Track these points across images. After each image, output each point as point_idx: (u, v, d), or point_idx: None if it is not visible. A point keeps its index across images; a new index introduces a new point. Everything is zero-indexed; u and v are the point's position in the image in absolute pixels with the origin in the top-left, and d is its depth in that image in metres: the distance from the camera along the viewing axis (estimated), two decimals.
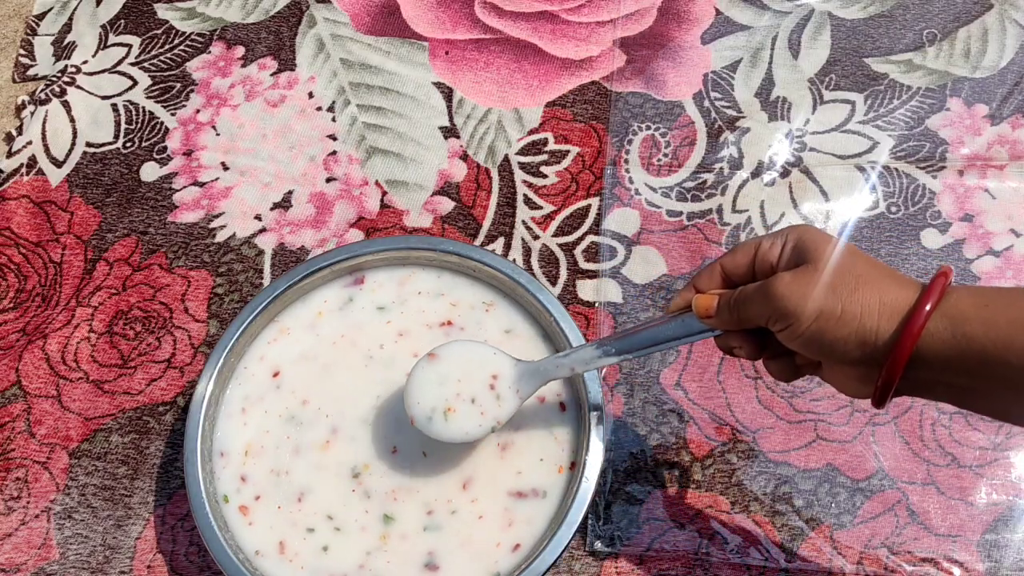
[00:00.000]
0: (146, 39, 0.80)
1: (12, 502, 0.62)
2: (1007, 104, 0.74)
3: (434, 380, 0.54)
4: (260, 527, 0.56)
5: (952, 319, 0.39)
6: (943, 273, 0.41)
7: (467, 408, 0.54)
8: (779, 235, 0.45)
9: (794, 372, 0.47)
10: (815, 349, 0.42)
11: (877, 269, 0.42)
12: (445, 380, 0.54)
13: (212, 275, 0.69)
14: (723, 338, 0.48)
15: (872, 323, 0.41)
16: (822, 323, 0.41)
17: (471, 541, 0.56)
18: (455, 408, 0.54)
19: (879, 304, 0.41)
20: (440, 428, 0.54)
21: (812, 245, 0.43)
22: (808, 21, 0.78)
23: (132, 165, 0.74)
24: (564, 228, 0.71)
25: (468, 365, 0.54)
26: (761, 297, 0.43)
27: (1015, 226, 0.69)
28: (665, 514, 0.61)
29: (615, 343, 0.52)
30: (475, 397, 0.54)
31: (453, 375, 0.54)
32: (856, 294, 0.41)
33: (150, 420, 0.65)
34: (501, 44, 0.79)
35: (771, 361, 0.48)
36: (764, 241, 0.46)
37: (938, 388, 0.42)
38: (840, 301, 0.41)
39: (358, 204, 0.72)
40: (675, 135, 0.74)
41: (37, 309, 0.69)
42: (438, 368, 0.55)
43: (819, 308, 0.41)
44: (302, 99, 0.77)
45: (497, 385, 0.54)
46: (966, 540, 0.60)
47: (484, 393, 0.54)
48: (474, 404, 0.54)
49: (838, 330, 0.41)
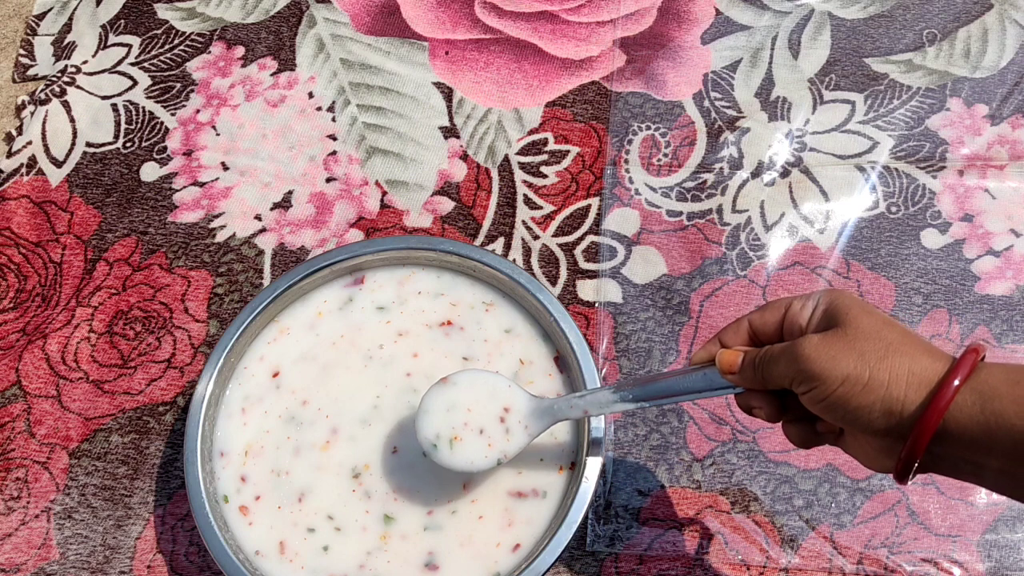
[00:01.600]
0: (146, 39, 0.80)
1: (12, 502, 0.62)
2: (1007, 104, 0.74)
3: (443, 407, 0.54)
4: (260, 527, 0.56)
5: (982, 394, 0.38)
6: (974, 348, 0.40)
7: (474, 439, 0.53)
8: (811, 297, 0.45)
9: (814, 439, 0.46)
10: (839, 415, 0.41)
11: (909, 339, 0.41)
12: (454, 407, 0.53)
13: (212, 275, 0.69)
14: (744, 397, 0.47)
15: (899, 392, 0.39)
16: (848, 388, 0.40)
17: (471, 541, 0.56)
18: (462, 437, 0.53)
19: (908, 374, 0.40)
20: (445, 456, 0.53)
21: (844, 309, 0.42)
22: (808, 21, 0.78)
23: (132, 165, 0.74)
24: (564, 228, 0.71)
25: (480, 395, 0.54)
26: (788, 358, 0.42)
27: (1015, 226, 0.69)
28: (665, 514, 0.61)
29: (633, 390, 0.51)
30: (484, 428, 0.53)
31: (463, 403, 0.53)
32: (885, 362, 0.40)
33: (150, 420, 0.65)
34: (501, 44, 0.79)
35: (790, 425, 0.47)
36: (795, 302, 0.45)
37: (965, 467, 0.40)
38: (868, 367, 0.40)
39: (358, 204, 0.72)
40: (675, 135, 0.74)
41: (37, 309, 0.69)
42: (449, 394, 0.54)
43: (846, 373, 0.40)
44: (302, 99, 0.77)
45: (508, 419, 0.53)
46: (966, 540, 0.60)
47: (494, 425, 0.53)
48: (482, 435, 0.53)
49: (864, 397, 0.40)
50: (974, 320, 0.66)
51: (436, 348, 0.61)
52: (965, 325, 0.66)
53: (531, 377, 0.60)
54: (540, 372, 0.60)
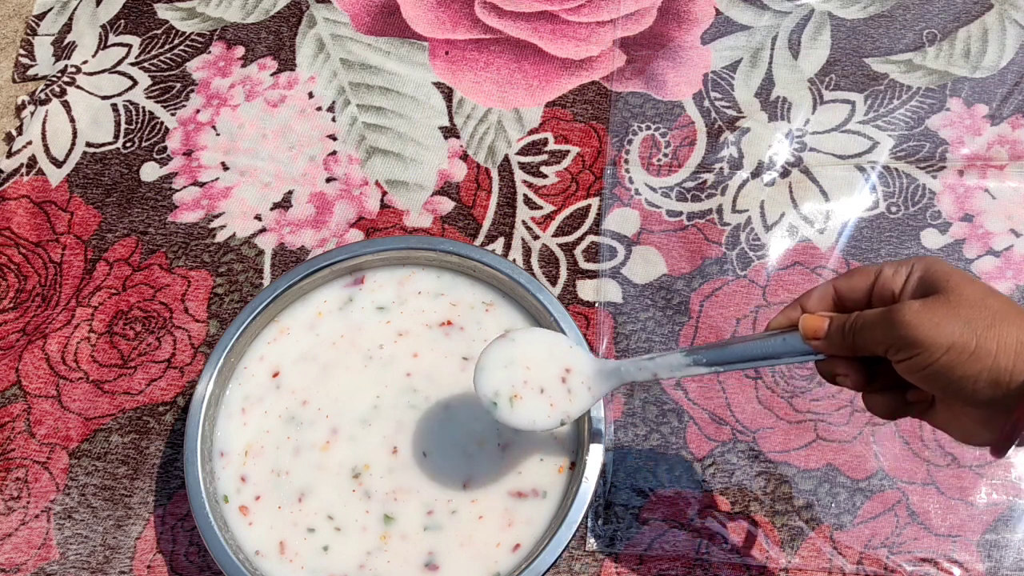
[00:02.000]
0: (146, 39, 0.80)
1: (12, 502, 0.62)
2: (1007, 104, 0.74)
3: (500, 363, 0.52)
4: (260, 527, 0.56)
5: None
6: None
7: (535, 398, 0.52)
8: (904, 264, 0.44)
9: (902, 409, 0.45)
10: (940, 385, 0.40)
11: (1014, 308, 0.40)
12: (512, 364, 0.52)
13: (212, 275, 0.69)
14: (828, 364, 0.45)
15: (1007, 362, 0.38)
16: (953, 357, 0.39)
17: (471, 541, 0.56)
18: (522, 395, 0.52)
19: (1017, 343, 0.38)
20: (506, 414, 0.52)
21: (944, 276, 0.41)
22: (808, 21, 0.78)
23: (132, 165, 0.74)
24: (564, 228, 0.71)
25: (539, 353, 0.52)
26: (885, 324, 0.41)
27: (1015, 226, 0.69)
28: (665, 514, 0.61)
29: (707, 353, 0.49)
30: (544, 387, 0.52)
31: (521, 360, 0.52)
32: (992, 330, 0.39)
33: (150, 420, 0.65)
34: (501, 44, 0.79)
35: (877, 395, 0.45)
36: (886, 267, 0.44)
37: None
38: (975, 335, 0.38)
39: (358, 204, 0.72)
40: (675, 135, 0.74)
41: (37, 309, 0.69)
42: (507, 350, 0.53)
43: (951, 340, 0.39)
44: (302, 99, 0.77)
45: (569, 379, 0.52)
46: (966, 540, 0.60)
47: (555, 385, 0.52)
48: (543, 394, 0.52)
49: (969, 366, 0.39)
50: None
51: (436, 348, 0.61)
52: None
53: None
54: None
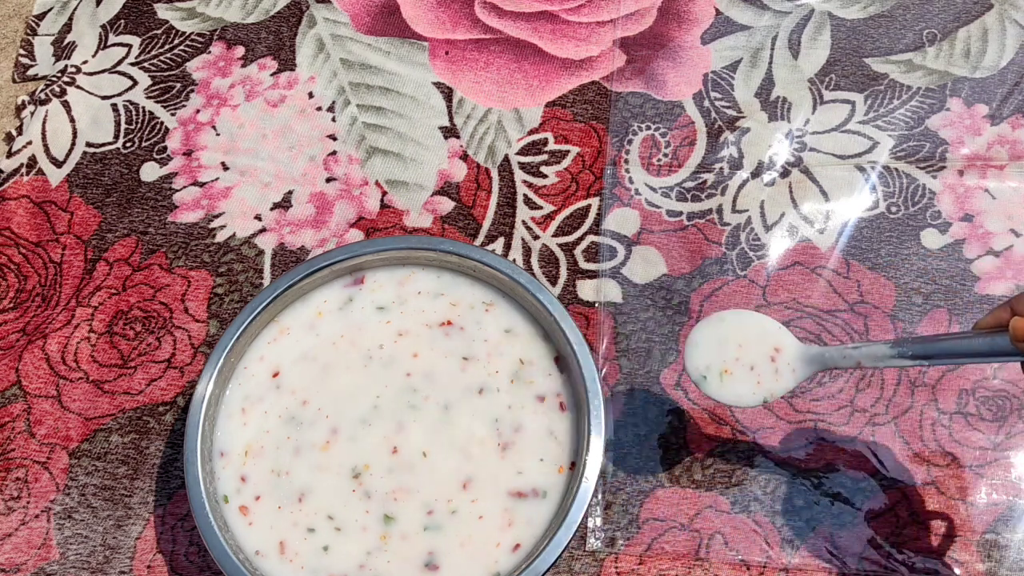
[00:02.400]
0: (146, 39, 0.80)
1: (12, 502, 0.62)
2: (1007, 104, 0.74)
3: (714, 340, 0.55)
4: (260, 527, 0.56)
5: None
6: None
7: (744, 374, 0.54)
8: None
9: None
10: None
11: None
12: (725, 342, 0.55)
13: (212, 275, 0.69)
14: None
15: None
16: None
17: (471, 541, 0.56)
18: (732, 371, 0.54)
19: None
20: (714, 388, 0.54)
21: None
22: (808, 21, 0.78)
23: (132, 165, 0.74)
24: (564, 228, 0.71)
25: (751, 333, 0.55)
26: None
27: (1015, 226, 0.69)
28: (665, 514, 0.61)
29: (912, 346, 0.49)
30: (754, 365, 0.54)
31: (734, 339, 0.55)
32: None
33: (150, 420, 0.65)
34: (501, 44, 0.79)
35: None
36: None
37: None
38: None
39: (358, 204, 0.72)
40: (675, 135, 0.74)
41: (37, 309, 0.69)
42: (720, 329, 0.55)
43: None
44: (302, 99, 0.77)
45: (778, 359, 0.54)
46: (966, 540, 0.60)
47: (764, 364, 0.54)
48: (752, 371, 0.54)
49: None
50: (974, 320, 0.66)
51: (436, 348, 0.61)
52: (965, 325, 0.66)
53: (531, 377, 0.60)
54: (540, 372, 0.60)
